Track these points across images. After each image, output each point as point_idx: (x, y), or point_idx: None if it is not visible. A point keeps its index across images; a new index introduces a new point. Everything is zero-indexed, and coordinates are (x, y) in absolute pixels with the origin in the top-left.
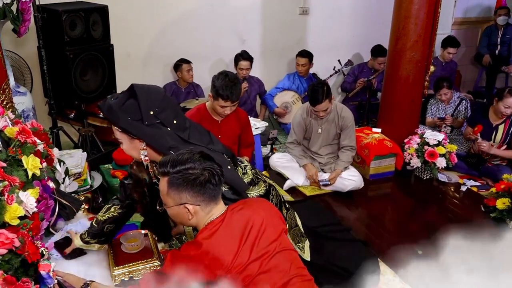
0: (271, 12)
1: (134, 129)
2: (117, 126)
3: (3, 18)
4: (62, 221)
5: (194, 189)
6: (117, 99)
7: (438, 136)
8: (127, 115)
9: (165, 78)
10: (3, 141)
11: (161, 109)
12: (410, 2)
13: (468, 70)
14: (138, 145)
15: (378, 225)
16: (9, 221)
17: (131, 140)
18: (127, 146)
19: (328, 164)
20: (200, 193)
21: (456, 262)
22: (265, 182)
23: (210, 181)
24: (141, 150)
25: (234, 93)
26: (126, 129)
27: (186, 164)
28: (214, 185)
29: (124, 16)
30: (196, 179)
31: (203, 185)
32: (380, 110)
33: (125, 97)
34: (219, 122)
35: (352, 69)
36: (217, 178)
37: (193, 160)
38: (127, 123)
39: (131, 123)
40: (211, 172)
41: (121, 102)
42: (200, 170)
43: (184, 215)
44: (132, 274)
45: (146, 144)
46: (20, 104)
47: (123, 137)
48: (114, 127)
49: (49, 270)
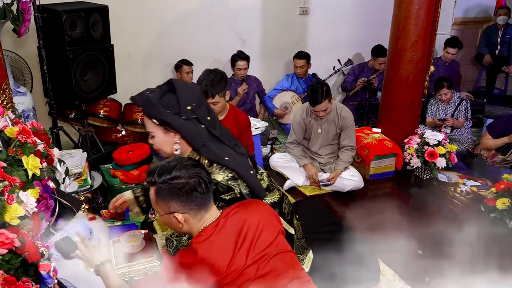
0: (271, 12)
1: (173, 122)
2: (156, 118)
3: (3, 18)
4: (62, 221)
5: (181, 199)
6: (154, 92)
7: (438, 136)
8: (165, 109)
9: (165, 78)
10: (3, 141)
11: (198, 105)
12: (410, 2)
13: (468, 70)
14: (172, 138)
15: (378, 225)
16: (9, 221)
17: (166, 133)
18: (160, 139)
19: (328, 164)
20: (188, 202)
21: (456, 262)
22: (279, 190)
23: (197, 190)
24: (175, 144)
25: (209, 89)
26: (164, 122)
27: (172, 173)
28: (201, 193)
29: (124, 16)
30: (181, 188)
31: (189, 193)
32: (380, 110)
33: (163, 91)
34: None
35: (352, 68)
36: (204, 186)
37: (179, 168)
38: (166, 116)
39: (171, 116)
40: (198, 181)
41: (159, 95)
42: (186, 179)
43: (175, 223)
44: (132, 274)
45: (180, 137)
46: (20, 104)
47: (157, 130)
48: (149, 120)
49: (49, 270)
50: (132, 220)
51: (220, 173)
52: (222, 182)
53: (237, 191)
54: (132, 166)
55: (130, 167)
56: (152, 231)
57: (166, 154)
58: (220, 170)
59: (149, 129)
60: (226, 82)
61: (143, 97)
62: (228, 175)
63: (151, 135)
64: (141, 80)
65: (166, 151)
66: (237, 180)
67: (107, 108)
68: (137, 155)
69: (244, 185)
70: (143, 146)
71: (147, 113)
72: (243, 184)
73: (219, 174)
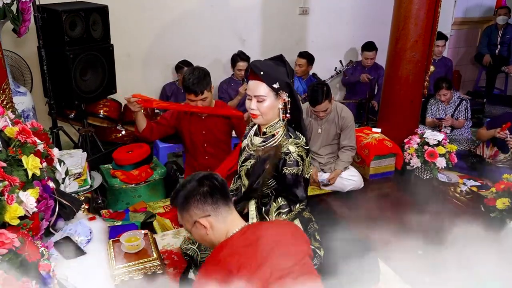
0: (271, 12)
1: (289, 87)
2: (279, 82)
3: (3, 18)
4: (62, 221)
5: (197, 201)
6: (271, 62)
7: (438, 136)
8: (282, 76)
9: (165, 78)
10: (3, 141)
11: (293, 80)
12: (410, 2)
13: (468, 70)
14: (277, 104)
15: (378, 225)
16: (9, 221)
17: (276, 98)
18: (270, 104)
19: (328, 164)
20: (204, 202)
21: (456, 262)
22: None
23: (209, 190)
24: (281, 110)
25: (197, 86)
26: (286, 85)
27: (184, 187)
28: (214, 188)
29: (124, 16)
30: (194, 191)
31: (203, 194)
32: (380, 110)
33: (276, 63)
34: (202, 118)
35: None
36: (215, 182)
37: (188, 180)
38: (288, 80)
39: (287, 82)
40: (207, 180)
41: (276, 65)
42: (195, 182)
43: (203, 233)
44: (132, 274)
45: (284, 103)
46: (20, 104)
47: (270, 95)
48: (264, 84)
49: (49, 270)
50: (132, 220)
51: (296, 147)
52: (293, 154)
53: (300, 168)
54: (132, 166)
55: (130, 167)
56: (152, 231)
57: (266, 120)
58: (296, 145)
59: (261, 93)
60: (210, 77)
61: (265, 63)
62: (300, 152)
63: (260, 99)
64: (141, 80)
65: (269, 116)
66: (304, 161)
67: (107, 108)
68: (137, 155)
69: (306, 169)
70: (143, 146)
71: (272, 76)
72: (306, 168)
73: (294, 147)
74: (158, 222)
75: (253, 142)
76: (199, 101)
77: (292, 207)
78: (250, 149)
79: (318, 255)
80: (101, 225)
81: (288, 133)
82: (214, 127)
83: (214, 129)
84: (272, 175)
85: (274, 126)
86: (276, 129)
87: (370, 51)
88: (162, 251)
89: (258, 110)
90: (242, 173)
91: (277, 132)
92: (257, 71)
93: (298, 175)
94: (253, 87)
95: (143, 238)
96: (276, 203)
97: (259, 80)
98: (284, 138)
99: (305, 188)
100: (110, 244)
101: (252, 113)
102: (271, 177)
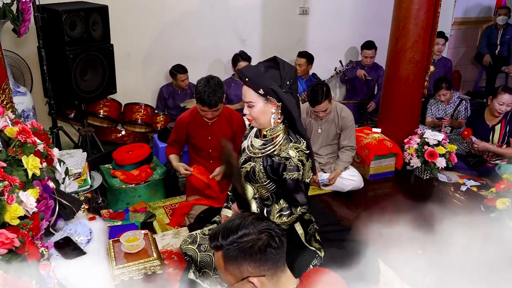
0: (271, 12)
1: (279, 92)
2: (263, 88)
3: (3, 18)
4: (62, 221)
5: (255, 258)
6: (258, 67)
7: (438, 136)
8: (271, 80)
9: (165, 78)
10: (3, 141)
11: (293, 81)
12: (410, 2)
13: (468, 70)
14: (270, 109)
15: (378, 225)
16: (9, 221)
17: (266, 104)
18: (259, 109)
19: (328, 164)
20: (262, 261)
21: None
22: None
23: (271, 245)
24: (273, 114)
25: (212, 99)
26: (272, 91)
27: (239, 231)
28: (275, 248)
29: (124, 16)
30: (253, 246)
31: (263, 251)
32: (380, 110)
33: (268, 66)
34: (209, 124)
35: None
36: (277, 240)
37: (245, 225)
38: (274, 86)
39: (276, 87)
40: (269, 234)
41: (265, 69)
42: (256, 235)
43: None
44: (132, 274)
45: (277, 108)
46: (20, 104)
47: (258, 100)
48: (252, 90)
49: (49, 270)
50: (132, 220)
51: (296, 152)
52: (293, 159)
53: (300, 173)
54: (132, 166)
55: (130, 167)
56: (152, 231)
57: (259, 124)
58: (296, 150)
59: (249, 99)
60: (223, 87)
61: (251, 70)
62: (300, 157)
63: (250, 104)
64: (141, 80)
65: (261, 121)
66: (304, 165)
67: (107, 108)
68: (137, 155)
69: (306, 174)
70: (143, 146)
71: (255, 83)
72: (306, 172)
73: (294, 151)
74: (158, 222)
75: (253, 144)
76: (209, 113)
77: (293, 210)
78: (250, 151)
79: (318, 255)
80: (101, 225)
81: (289, 137)
82: (219, 132)
83: (219, 135)
84: (237, 167)
85: (275, 129)
86: (276, 133)
87: (370, 50)
88: (162, 251)
89: (250, 115)
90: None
91: (277, 136)
92: (242, 77)
93: (299, 180)
94: (243, 93)
95: (143, 238)
96: (278, 205)
97: (247, 86)
98: (284, 142)
99: (306, 192)
100: (110, 244)
101: (247, 117)
102: (238, 167)
